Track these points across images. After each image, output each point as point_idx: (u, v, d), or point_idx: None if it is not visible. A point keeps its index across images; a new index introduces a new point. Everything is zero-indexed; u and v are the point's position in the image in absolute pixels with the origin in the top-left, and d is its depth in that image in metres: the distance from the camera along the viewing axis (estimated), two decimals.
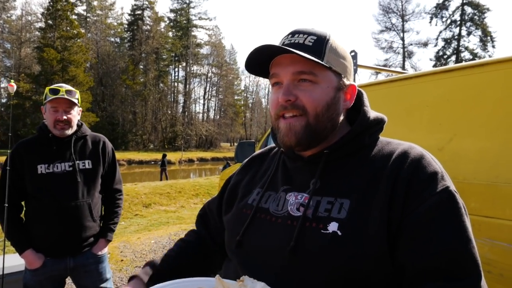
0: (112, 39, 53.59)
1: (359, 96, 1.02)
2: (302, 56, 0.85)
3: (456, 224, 0.79)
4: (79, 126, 2.43)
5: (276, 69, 0.93)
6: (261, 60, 0.95)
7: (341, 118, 0.96)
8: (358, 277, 0.81)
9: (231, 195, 1.14)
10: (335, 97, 0.92)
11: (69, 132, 2.32)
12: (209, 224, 1.23)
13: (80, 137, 2.41)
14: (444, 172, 0.87)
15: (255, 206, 1.00)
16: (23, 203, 2.38)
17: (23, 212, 2.37)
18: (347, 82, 0.95)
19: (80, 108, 2.43)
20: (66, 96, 2.25)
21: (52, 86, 2.32)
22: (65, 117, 2.26)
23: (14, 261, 3.23)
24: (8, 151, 2.44)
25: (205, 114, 61.31)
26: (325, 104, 0.90)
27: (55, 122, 2.26)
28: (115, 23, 54.31)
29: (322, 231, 0.84)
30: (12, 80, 3.21)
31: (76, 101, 2.32)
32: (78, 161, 2.34)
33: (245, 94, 68.12)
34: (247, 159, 1.23)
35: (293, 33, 0.93)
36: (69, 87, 2.33)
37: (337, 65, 0.92)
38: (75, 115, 2.35)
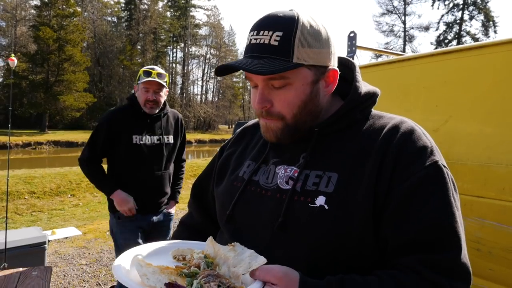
0: (109, 18, 52.57)
1: (351, 69, 1.00)
2: (265, 73, 0.82)
3: (440, 198, 0.80)
4: (164, 104, 2.77)
5: (248, 74, 0.89)
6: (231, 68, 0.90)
7: (325, 100, 0.94)
8: (343, 251, 0.83)
9: (223, 167, 1.13)
10: (312, 92, 0.89)
11: (157, 110, 2.68)
12: (207, 205, 1.22)
13: (165, 114, 2.79)
14: (435, 147, 0.87)
15: (246, 179, 1.00)
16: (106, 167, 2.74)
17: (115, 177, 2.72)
18: (325, 69, 0.90)
19: (167, 89, 2.74)
20: (157, 79, 2.56)
21: (145, 68, 2.65)
22: (154, 98, 2.60)
23: (15, 236, 3.29)
24: (8, 130, 2.46)
25: (203, 96, 60.81)
26: (301, 104, 0.89)
27: (146, 101, 2.60)
28: (112, 2, 53.16)
29: (310, 204, 0.85)
30: (13, 55, 3.22)
31: (164, 83, 2.64)
32: (164, 136, 2.73)
33: (243, 76, 67.13)
34: (239, 130, 1.22)
35: (258, 29, 0.86)
36: (160, 70, 2.64)
37: (310, 58, 0.86)
38: (163, 95, 2.69)
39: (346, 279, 0.78)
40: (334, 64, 0.92)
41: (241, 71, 0.86)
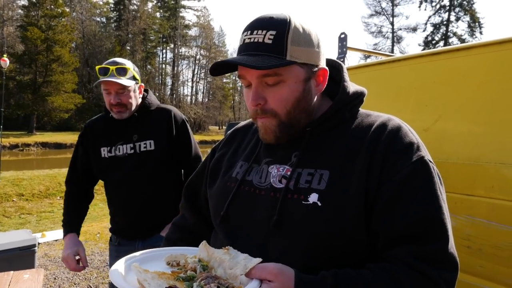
0: (98, 19, 52.10)
1: (339, 69, 1.02)
2: (262, 68, 0.84)
3: (427, 192, 0.84)
4: (143, 98, 2.16)
5: (242, 71, 0.92)
6: (226, 66, 0.93)
7: (316, 100, 0.97)
8: (337, 245, 0.86)
9: (215, 168, 1.14)
10: (305, 90, 0.92)
11: (127, 114, 2.07)
12: (199, 206, 1.22)
13: (143, 114, 2.13)
14: (420, 143, 0.90)
15: (240, 179, 1.02)
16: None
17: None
18: (316, 68, 0.93)
19: (141, 84, 2.15)
20: (115, 79, 1.96)
21: (103, 64, 2.02)
22: (118, 100, 2.00)
23: (4, 239, 3.25)
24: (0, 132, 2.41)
25: (194, 97, 60.71)
26: (295, 101, 0.91)
27: (110, 105, 2.04)
28: (101, 2, 52.72)
29: (303, 202, 0.88)
30: (5, 55, 3.18)
31: (128, 81, 2.01)
32: (139, 142, 2.09)
33: (234, 77, 67.54)
34: (230, 131, 1.23)
35: (252, 29, 0.89)
36: (121, 62, 2.03)
37: (302, 56, 0.89)
38: (131, 95, 2.05)
39: (340, 273, 0.81)
40: (323, 64, 0.96)
41: (233, 72, 0.87)
